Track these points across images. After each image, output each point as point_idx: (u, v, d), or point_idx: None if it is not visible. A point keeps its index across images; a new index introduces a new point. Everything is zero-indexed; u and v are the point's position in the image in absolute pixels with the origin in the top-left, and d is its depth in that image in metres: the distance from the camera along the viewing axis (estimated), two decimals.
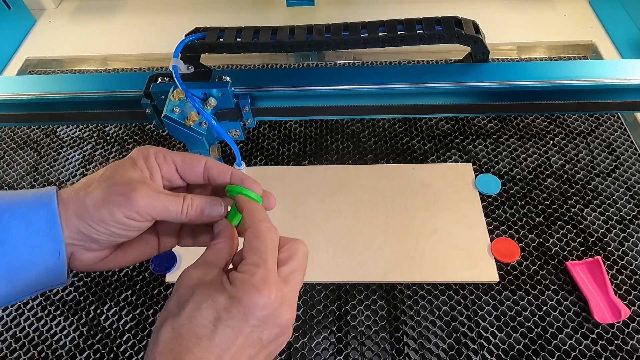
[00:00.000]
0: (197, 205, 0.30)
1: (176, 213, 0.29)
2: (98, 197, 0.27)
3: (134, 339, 0.45)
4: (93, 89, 0.47)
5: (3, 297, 0.27)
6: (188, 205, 0.29)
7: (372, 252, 0.49)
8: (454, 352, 0.43)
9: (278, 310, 0.26)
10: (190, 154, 0.31)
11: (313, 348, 0.44)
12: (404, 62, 0.68)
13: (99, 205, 0.27)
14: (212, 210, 0.30)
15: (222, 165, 0.31)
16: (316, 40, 0.44)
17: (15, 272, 0.27)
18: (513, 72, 0.45)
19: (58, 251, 0.28)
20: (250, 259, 0.27)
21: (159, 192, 0.29)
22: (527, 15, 0.75)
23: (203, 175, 0.31)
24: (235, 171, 0.32)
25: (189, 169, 0.31)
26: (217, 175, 0.31)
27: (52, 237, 0.27)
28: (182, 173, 0.31)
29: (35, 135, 0.63)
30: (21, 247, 0.27)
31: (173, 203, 0.29)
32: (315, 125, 0.62)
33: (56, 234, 0.27)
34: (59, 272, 0.28)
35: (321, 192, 0.54)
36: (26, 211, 0.27)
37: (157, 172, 0.30)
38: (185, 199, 0.29)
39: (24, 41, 0.78)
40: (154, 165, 0.30)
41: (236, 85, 0.44)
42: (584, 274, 0.46)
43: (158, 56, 0.72)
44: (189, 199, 0.29)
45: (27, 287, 0.28)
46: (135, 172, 0.29)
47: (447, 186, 0.53)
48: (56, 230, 0.27)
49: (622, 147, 0.57)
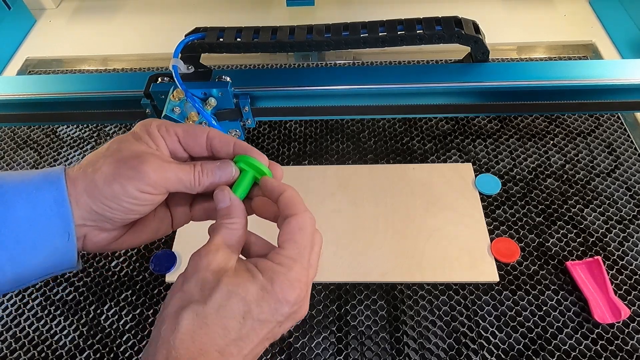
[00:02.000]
0: (208, 170, 0.29)
1: (189, 182, 0.28)
2: (108, 173, 0.26)
3: (134, 339, 0.45)
4: (93, 89, 0.47)
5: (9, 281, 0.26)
6: (199, 172, 0.28)
7: (372, 252, 0.49)
8: (454, 352, 0.43)
9: (301, 307, 0.26)
10: (193, 125, 0.30)
11: (313, 348, 0.44)
12: (404, 62, 0.68)
13: (110, 181, 0.26)
14: (223, 173, 0.29)
15: (225, 135, 0.30)
16: (316, 40, 0.44)
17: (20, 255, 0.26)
18: (513, 72, 0.45)
19: (67, 233, 0.26)
20: (289, 252, 0.26)
21: (169, 162, 0.28)
22: (527, 15, 0.75)
23: (206, 145, 0.30)
24: (238, 141, 0.30)
25: (192, 140, 0.30)
26: (219, 145, 0.30)
27: (61, 217, 0.26)
28: (185, 145, 0.30)
29: (35, 135, 0.63)
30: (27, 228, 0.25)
31: (185, 172, 0.28)
32: (315, 125, 0.62)
33: (65, 214, 0.26)
34: (69, 255, 0.27)
35: (321, 192, 0.54)
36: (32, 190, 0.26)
37: (163, 143, 0.29)
38: (196, 166, 0.28)
39: (24, 41, 0.78)
40: (158, 137, 0.29)
41: (236, 85, 0.44)
42: (584, 274, 0.46)
43: (158, 56, 0.72)
44: (199, 166, 0.29)
45: (34, 271, 0.27)
46: (141, 145, 0.28)
47: (447, 186, 0.53)
48: (65, 210, 0.26)
49: (622, 147, 0.57)
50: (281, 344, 0.44)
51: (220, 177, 0.29)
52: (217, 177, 0.29)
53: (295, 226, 0.27)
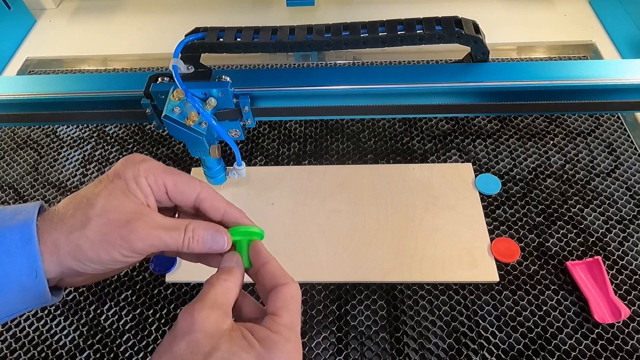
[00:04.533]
0: (199, 238, 0.28)
1: (176, 247, 0.27)
2: (95, 239, 0.25)
3: (134, 339, 0.45)
4: (93, 89, 0.47)
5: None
6: (189, 239, 0.27)
7: (372, 252, 0.49)
8: (454, 352, 0.43)
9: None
10: (183, 178, 0.29)
11: (313, 348, 0.44)
12: (404, 62, 0.68)
13: (96, 248, 0.25)
14: (215, 245, 0.28)
15: (216, 200, 0.30)
16: (316, 40, 0.44)
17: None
18: (513, 72, 0.45)
19: (35, 270, 0.25)
20: (285, 320, 0.26)
21: (157, 227, 0.27)
22: (527, 15, 0.75)
23: (194, 203, 0.29)
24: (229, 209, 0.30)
25: (180, 196, 0.29)
26: (209, 209, 0.29)
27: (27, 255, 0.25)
28: (172, 197, 0.29)
29: (35, 135, 0.63)
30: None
31: (173, 239, 0.27)
32: (315, 125, 0.62)
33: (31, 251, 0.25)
34: (38, 292, 0.26)
35: (321, 192, 0.54)
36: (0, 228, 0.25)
37: (151, 195, 0.28)
38: (187, 230, 0.27)
39: (24, 41, 0.78)
40: (146, 188, 0.28)
41: (236, 85, 0.44)
42: (584, 274, 0.46)
43: (158, 56, 0.72)
44: (190, 230, 0.28)
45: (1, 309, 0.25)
46: (130, 200, 0.27)
47: (447, 186, 0.53)
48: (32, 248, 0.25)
49: (622, 147, 0.57)
50: None
51: (210, 248, 0.28)
52: (208, 247, 0.28)
53: (287, 294, 0.27)
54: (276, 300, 0.27)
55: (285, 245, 0.50)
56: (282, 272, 0.28)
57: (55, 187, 0.57)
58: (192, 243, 0.28)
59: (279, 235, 0.50)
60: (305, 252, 0.49)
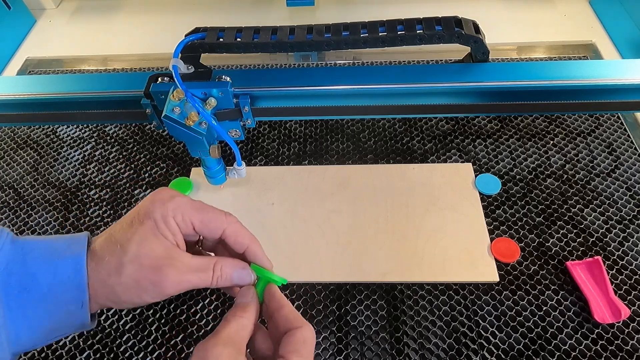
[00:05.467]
0: (227, 276, 0.30)
1: (205, 286, 0.29)
2: (128, 285, 0.27)
3: (134, 339, 0.45)
4: (93, 89, 0.47)
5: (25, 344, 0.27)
6: (218, 278, 0.29)
7: (372, 252, 0.49)
8: (454, 352, 0.43)
9: None
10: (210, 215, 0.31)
11: None
12: (404, 62, 0.68)
13: (130, 292, 0.28)
14: (241, 282, 0.30)
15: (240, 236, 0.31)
16: (316, 40, 0.44)
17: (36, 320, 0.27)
18: (513, 72, 0.45)
19: (82, 301, 0.27)
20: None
21: (187, 270, 0.28)
22: (527, 15, 0.75)
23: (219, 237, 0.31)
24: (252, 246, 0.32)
25: (206, 231, 0.31)
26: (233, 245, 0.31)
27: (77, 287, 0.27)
28: (199, 232, 0.31)
29: (35, 135, 0.63)
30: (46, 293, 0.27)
31: (202, 280, 0.29)
32: (315, 125, 0.62)
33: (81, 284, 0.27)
34: (82, 320, 0.28)
35: (321, 192, 0.54)
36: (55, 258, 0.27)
37: (179, 234, 0.30)
38: (215, 269, 0.29)
39: (24, 41, 0.78)
40: (175, 227, 0.29)
41: (236, 85, 0.44)
42: (584, 274, 0.46)
43: (158, 56, 0.72)
44: (218, 269, 0.29)
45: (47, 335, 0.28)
46: (160, 243, 0.28)
47: (447, 186, 0.53)
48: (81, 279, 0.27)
49: (622, 147, 0.57)
50: None
51: (237, 282, 0.30)
52: (235, 282, 0.30)
53: (300, 339, 0.27)
54: (288, 344, 0.27)
55: (285, 245, 0.50)
56: (296, 316, 0.29)
57: (55, 187, 0.57)
58: (220, 281, 0.29)
59: (279, 235, 0.50)
60: (305, 252, 0.49)
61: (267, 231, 0.51)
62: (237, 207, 0.53)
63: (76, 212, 0.55)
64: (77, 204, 0.55)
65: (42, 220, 0.54)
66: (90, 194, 0.56)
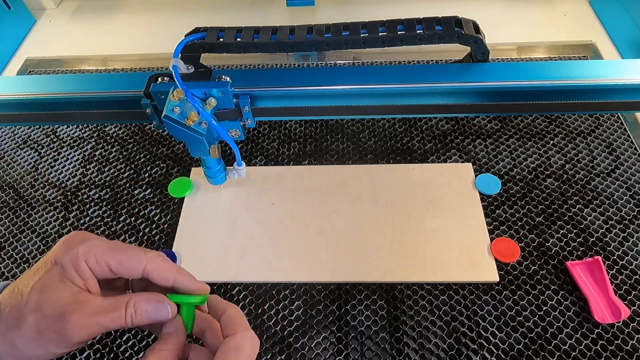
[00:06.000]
0: (142, 312, 0.27)
1: (119, 326, 0.27)
2: (29, 336, 0.25)
3: (134, 339, 0.45)
4: (93, 89, 0.47)
5: None
6: (132, 315, 0.27)
7: (372, 252, 0.49)
8: (454, 352, 0.43)
9: None
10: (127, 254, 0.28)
11: (313, 348, 0.44)
12: (404, 62, 0.68)
13: (32, 345, 0.25)
14: (159, 315, 0.28)
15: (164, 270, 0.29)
16: (316, 40, 0.44)
17: None
18: (513, 72, 0.45)
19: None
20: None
21: (95, 313, 0.26)
22: (527, 15, 0.75)
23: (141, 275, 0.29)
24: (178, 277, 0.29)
25: (125, 272, 0.28)
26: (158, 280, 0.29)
27: None
28: (117, 274, 0.28)
29: (35, 135, 0.63)
30: None
31: (113, 320, 0.26)
32: (315, 125, 0.62)
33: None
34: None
35: (321, 192, 0.54)
36: None
37: (92, 278, 0.27)
38: (128, 307, 0.27)
39: (24, 41, 0.78)
40: (86, 272, 0.27)
41: (236, 85, 0.44)
42: (584, 274, 0.46)
43: (158, 56, 0.72)
44: (131, 306, 0.27)
45: None
46: (66, 289, 0.26)
47: (447, 186, 0.53)
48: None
49: (622, 147, 0.57)
50: (281, 344, 0.44)
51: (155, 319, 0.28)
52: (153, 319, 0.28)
53: (231, 346, 0.26)
54: (220, 353, 0.26)
55: (285, 245, 0.50)
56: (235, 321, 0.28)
57: (55, 187, 0.57)
58: (135, 319, 0.27)
59: (279, 235, 0.50)
60: (305, 252, 0.49)
61: (267, 231, 0.51)
62: (237, 207, 0.53)
63: (76, 212, 0.55)
64: (77, 204, 0.55)
65: (42, 220, 0.54)
66: (90, 194, 0.56)
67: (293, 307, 0.46)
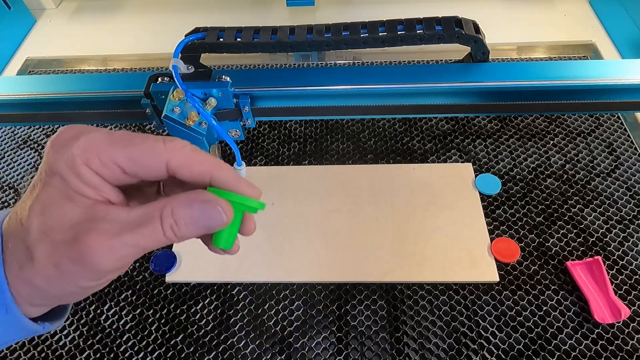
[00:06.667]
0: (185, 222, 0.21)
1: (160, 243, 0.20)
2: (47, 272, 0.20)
3: (134, 339, 0.45)
4: (93, 89, 0.47)
5: None
6: (172, 227, 0.20)
7: (372, 252, 0.49)
8: (454, 352, 0.43)
9: None
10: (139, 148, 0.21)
11: (313, 348, 0.44)
12: (404, 62, 0.68)
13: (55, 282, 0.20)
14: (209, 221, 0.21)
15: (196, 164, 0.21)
16: (316, 40, 0.44)
17: None
18: (513, 72, 0.45)
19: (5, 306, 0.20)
20: None
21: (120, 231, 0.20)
22: (527, 15, 0.75)
23: (166, 174, 0.21)
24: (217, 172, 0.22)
25: (143, 171, 0.21)
26: (190, 179, 0.22)
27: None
28: (131, 173, 0.21)
29: (35, 135, 0.63)
30: None
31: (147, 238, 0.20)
32: (315, 125, 0.62)
33: None
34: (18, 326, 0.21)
35: (321, 192, 0.54)
36: None
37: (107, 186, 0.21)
38: (164, 217, 0.20)
39: (24, 41, 0.78)
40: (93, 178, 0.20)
41: (236, 85, 0.44)
42: (584, 274, 0.46)
43: (158, 56, 0.72)
44: (168, 214, 0.20)
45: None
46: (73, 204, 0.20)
47: (447, 186, 0.53)
48: None
49: (622, 147, 0.57)
50: (281, 344, 0.44)
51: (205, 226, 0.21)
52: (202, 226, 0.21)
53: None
54: None
55: (286, 246, 0.50)
56: None
57: None
58: (179, 231, 0.20)
59: (279, 235, 0.50)
60: (305, 252, 0.49)
61: (267, 231, 0.51)
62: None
63: None
64: None
65: None
66: None
67: (293, 307, 0.46)
